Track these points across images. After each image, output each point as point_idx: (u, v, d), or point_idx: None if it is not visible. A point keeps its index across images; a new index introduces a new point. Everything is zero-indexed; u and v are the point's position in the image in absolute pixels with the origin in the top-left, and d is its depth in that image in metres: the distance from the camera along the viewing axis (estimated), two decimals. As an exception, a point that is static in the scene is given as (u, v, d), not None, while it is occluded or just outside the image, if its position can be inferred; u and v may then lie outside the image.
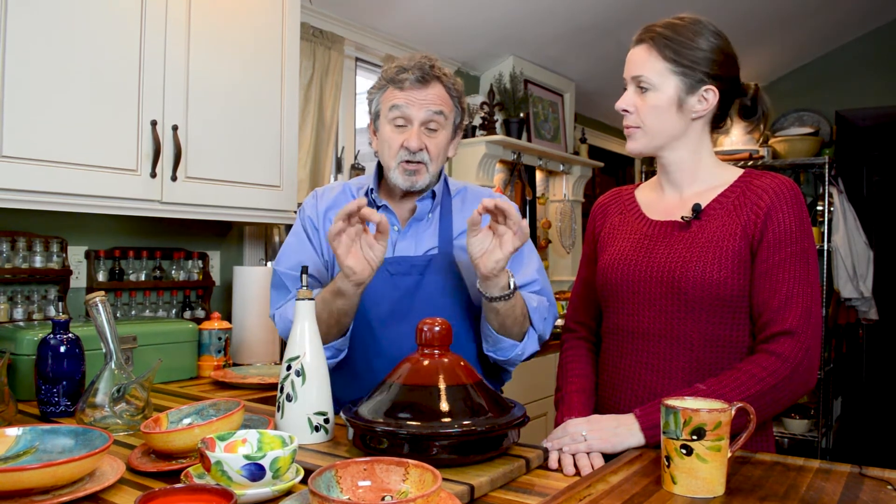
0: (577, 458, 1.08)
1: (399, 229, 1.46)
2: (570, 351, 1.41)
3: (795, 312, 1.13)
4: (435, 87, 1.41)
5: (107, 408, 1.25)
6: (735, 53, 1.24)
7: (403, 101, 1.39)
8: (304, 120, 2.71)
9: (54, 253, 1.99)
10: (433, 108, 1.40)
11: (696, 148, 1.26)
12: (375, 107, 1.46)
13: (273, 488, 0.88)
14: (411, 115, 1.39)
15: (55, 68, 1.68)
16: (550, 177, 4.37)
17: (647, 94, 1.22)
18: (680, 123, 1.23)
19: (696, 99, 1.21)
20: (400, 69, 1.40)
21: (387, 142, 1.42)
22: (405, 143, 1.39)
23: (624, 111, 1.25)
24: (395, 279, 1.40)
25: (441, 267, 1.42)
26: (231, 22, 2.08)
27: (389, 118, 1.41)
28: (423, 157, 1.40)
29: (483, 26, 3.35)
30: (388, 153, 1.42)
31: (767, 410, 1.13)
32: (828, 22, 4.27)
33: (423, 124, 1.40)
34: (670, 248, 1.23)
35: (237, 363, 2.21)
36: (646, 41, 1.22)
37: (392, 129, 1.41)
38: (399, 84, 1.40)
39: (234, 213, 2.12)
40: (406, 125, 1.40)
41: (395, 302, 1.39)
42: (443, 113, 1.41)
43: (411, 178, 1.41)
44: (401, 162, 1.40)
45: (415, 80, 1.39)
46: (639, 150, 1.26)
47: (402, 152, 1.40)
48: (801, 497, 0.91)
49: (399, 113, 1.40)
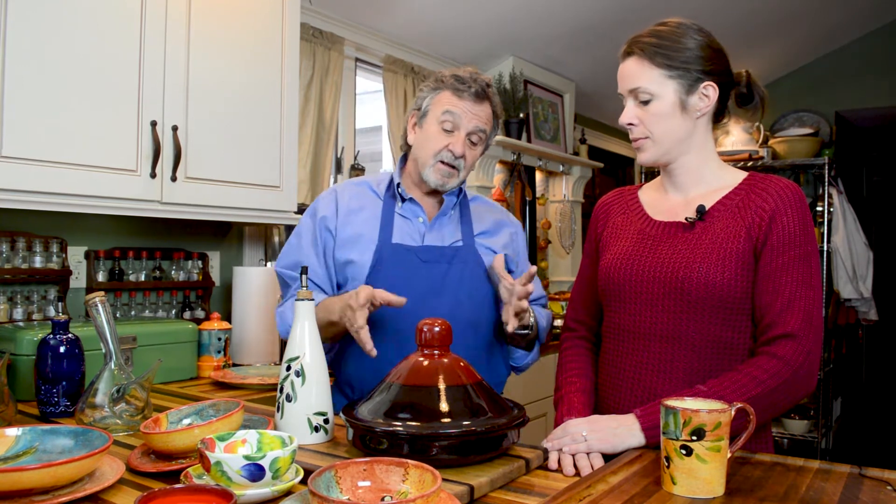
0: (576, 459, 1.08)
1: (424, 221, 1.55)
2: (570, 350, 1.41)
3: (797, 316, 1.13)
4: (486, 107, 1.51)
5: (106, 408, 1.25)
6: (722, 47, 1.25)
7: (459, 110, 1.48)
8: (304, 120, 2.71)
9: (54, 253, 1.99)
10: (481, 124, 1.50)
11: (702, 149, 1.26)
12: (426, 105, 1.53)
13: (273, 489, 0.88)
14: (461, 124, 1.48)
15: (55, 68, 1.68)
16: (550, 177, 4.37)
17: (650, 105, 1.22)
18: (686, 125, 1.23)
19: (696, 97, 1.22)
20: (460, 79, 1.49)
21: (431, 140, 1.50)
22: (450, 146, 1.48)
23: (629, 125, 1.25)
24: (426, 266, 1.49)
25: (467, 257, 1.53)
26: (231, 22, 2.08)
27: (440, 120, 1.49)
28: (460, 163, 1.50)
29: (483, 26, 3.35)
30: (428, 150, 1.51)
31: (767, 412, 1.13)
32: (828, 22, 4.27)
33: (468, 135, 1.49)
34: (674, 248, 1.23)
35: (237, 363, 2.21)
36: (634, 53, 1.23)
37: (439, 131, 1.50)
38: (458, 93, 1.49)
39: (233, 213, 2.12)
40: (453, 131, 1.49)
41: (425, 288, 1.47)
42: (485, 131, 1.52)
43: (445, 179, 1.51)
44: (438, 161, 1.50)
45: (473, 94, 1.48)
46: (652, 159, 1.26)
47: (445, 154, 1.49)
48: (801, 497, 0.91)
49: (451, 118, 1.48)
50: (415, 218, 1.55)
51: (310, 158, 2.75)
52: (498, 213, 1.69)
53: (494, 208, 1.70)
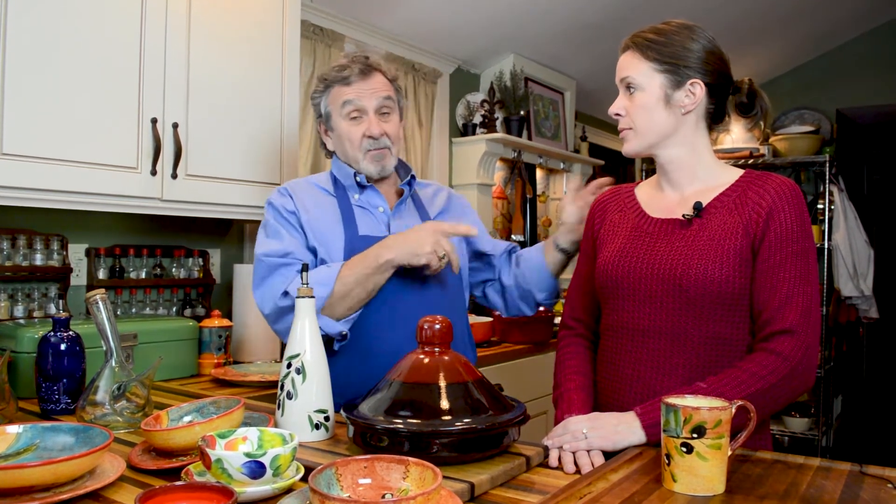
0: (577, 456, 1.08)
1: (386, 210, 1.54)
2: (568, 348, 1.41)
3: (795, 311, 1.14)
4: (377, 77, 1.51)
5: (107, 405, 1.25)
6: (722, 52, 1.27)
7: (354, 95, 1.48)
8: (305, 117, 2.71)
9: (55, 250, 1.99)
10: (382, 94, 1.50)
11: (691, 145, 1.27)
12: (325, 109, 1.54)
13: (273, 486, 0.88)
14: (365, 105, 1.48)
15: (56, 66, 1.68)
16: (551, 175, 4.37)
17: (635, 95, 1.25)
18: (670, 119, 1.24)
19: (682, 94, 1.23)
20: (341, 68, 1.50)
21: (346, 136, 1.51)
22: (366, 132, 1.49)
23: (616, 115, 1.29)
24: None
25: None
26: (231, 20, 2.08)
27: (344, 114, 1.50)
28: (385, 142, 1.50)
29: (483, 24, 3.35)
30: (350, 147, 1.51)
31: (767, 408, 1.13)
32: (828, 20, 4.26)
33: (376, 111, 1.49)
34: (671, 245, 1.23)
35: (237, 361, 2.21)
36: (630, 47, 1.27)
37: (349, 123, 1.50)
38: (345, 81, 1.49)
39: (234, 210, 2.12)
40: (360, 116, 1.49)
41: (404, 275, 1.44)
42: (390, 97, 1.52)
43: (381, 163, 1.51)
44: (367, 151, 1.50)
45: (358, 73, 1.48)
46: (634, 150, 1.30)
47: (366, 141, 1.49)
48: (802, 495, 0.91)
49: (352, 107, 1.48)
50: (374, 208, 1.53)
51: (310, 156, 2.75)
52: (443, 192, 1.68)
53: (435, 187, 1.70)
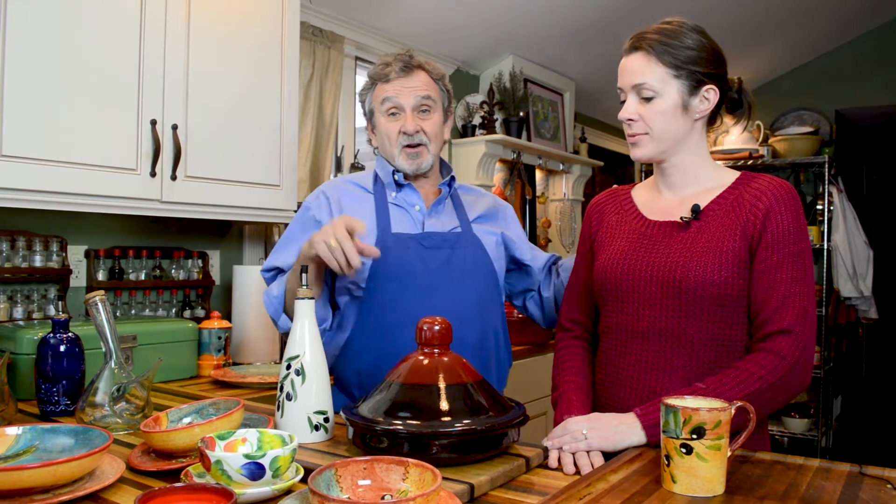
0: (577, 457, 1.08)
1: (422, 209, 1.55)
2: (566, 350, 1.41)
3: (792, 311, 1.14)
4: (419, 75, 1.52)
5: (107, 407, 1.25)
6: (721, 50, 1.26)
7: (393, 93, 1.50)
8: (304, 119, 2.71)
9: (54, 252, 1.99)
10: (421, 93, 1.51)
11: (697, 149, 1.28)
12: (369, 106, 1.56)
13: (273, 487, 0.88)
14: (402, 103, 1.50)
15: (55, 67, 1.68)
16: (550, 176, 4.37)
17: (653, 102, 1.22)
18: (685, 126, 1.24)
19: (698, 100, 1.23)
20: (383, 65, 1.52)
21: (385, 132, 1.52)
22: (402, 128, 1.50)
23: (629, 121, 1.25)
24: (430, 252, 1.49)
25: (468, 242, 1.54)
26: (231, 21, 2.08)
27: (383, 111, 1.52)
28: (421, 138, 1.51)
29: (483, 25, 3.35)
30: (388, 143, 1.53)
31: (765, 408, 1.14)
32: (828, 21, 4.27)
33: (414, 109, 1.51)
34: (670, 248, 1.24)
35: (237, 362, 2.21)
36: (642, 48, 1.23)
37: (387, 120, 1.52)
38: (385, 78, 1.51)
39: (233, 212, 2.12)
40: (399, 113, 1.51)
41: (430, 273, 1.46)
42: (430, 97, 1.52)
43: (416, 161, 1.52)
44: (402, 147, 1.51)
45: (399, 71, 1.50)
46: (647, 156, 1.27)
47: (402, 138, 1.50)
48: (801, 496, 0.91)
49: (391, 104, 1.50)
50: (410, 207, 1.54)
51: (309, 157, 2.74)
52: (487, 199, 1.69)
53: (481, 193, 1.71)
